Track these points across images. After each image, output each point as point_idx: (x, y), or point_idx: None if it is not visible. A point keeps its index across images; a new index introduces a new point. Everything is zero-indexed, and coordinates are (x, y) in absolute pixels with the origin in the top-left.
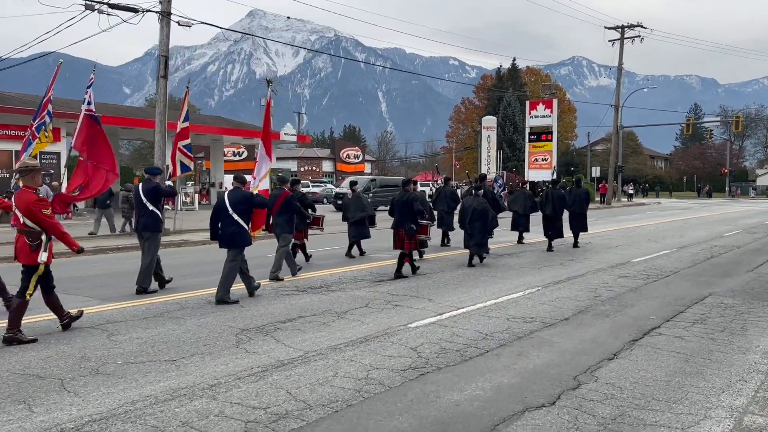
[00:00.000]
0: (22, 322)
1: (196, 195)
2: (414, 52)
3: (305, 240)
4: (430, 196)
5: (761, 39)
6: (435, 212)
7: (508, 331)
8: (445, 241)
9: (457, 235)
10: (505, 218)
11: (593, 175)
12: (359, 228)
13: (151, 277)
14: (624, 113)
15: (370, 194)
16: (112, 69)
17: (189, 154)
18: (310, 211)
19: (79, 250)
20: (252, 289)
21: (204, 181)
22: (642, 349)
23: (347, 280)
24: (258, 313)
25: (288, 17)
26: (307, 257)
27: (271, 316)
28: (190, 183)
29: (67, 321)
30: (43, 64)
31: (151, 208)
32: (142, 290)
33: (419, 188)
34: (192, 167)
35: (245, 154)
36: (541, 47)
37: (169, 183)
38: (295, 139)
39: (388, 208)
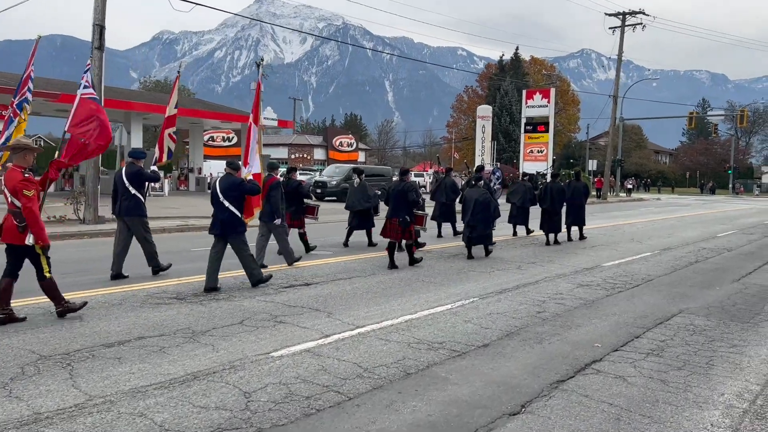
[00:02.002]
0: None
1: (166, 180)
2: (422, 42)
3: (295, 228)
4: (422, 186)
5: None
6: (434, 202)
7: (397, 365)
8: (441, 233)
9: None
10: (504, 210)
11: (590, 168)
12: (363, 218)
13: (157, 256)
14: (631, 107)
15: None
16: (120, 53)
17: (174, 137)
18: (307, 200)
19: (43, 248)
20: (256, 279)
21: (182, 167)
22: (564, 397)
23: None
24: (94, 329)
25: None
26: (308, 248)
27: (104, 335)
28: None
29: (6, 316)
30: (49, 45)
31: (133, 192)
32: (158, 270)
33: (412, 178)
34: (173, 148)
35: (235, 140)
36: (552, 39)
37: (153, 168)
38: (275, 123)
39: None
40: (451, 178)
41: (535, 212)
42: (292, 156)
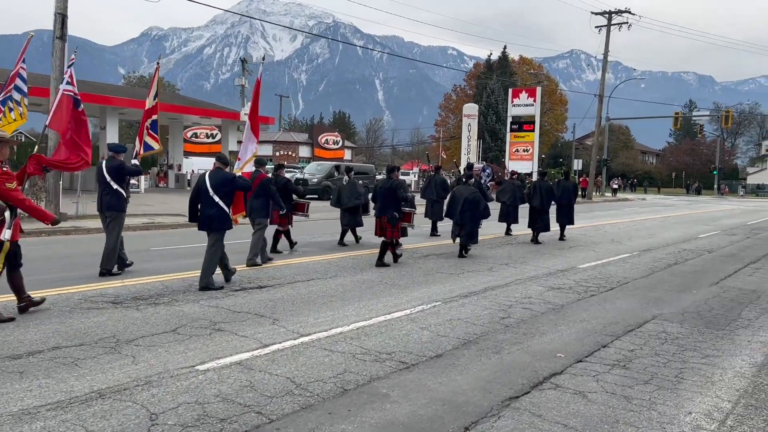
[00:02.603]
0: None
1: (143, 177)
2: (413, 41)
3: (290, 226)
4: (408, 184)
5: (760, 37)
6: (424, 200)
7: (336, 379)
8: (434, 232)
9: (446, 225)
10: (493, 209)
11: (575, 167)
12: (352, 215)
13: (116, 259)
14: (619, 107)
15: (346, 181)
16: (108, 49)
17: (154, 133)
18: (295, 197)
19: (54, 221)
20: (228, 275)
21: (162, 163)
22: (514, 418)
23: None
24: (6, 338)
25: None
26: (292, 245)
27: (15, 345)
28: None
29: (25, 304)
30: (36, 40)
31: (115, 186)
32: (106, 272)
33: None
34: (156, 147)
35: (218, 137)
36: (542, 39)
37: (135, 162)
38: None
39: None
40: (440, 175)
41: (525, 211)
42: (277, 153)
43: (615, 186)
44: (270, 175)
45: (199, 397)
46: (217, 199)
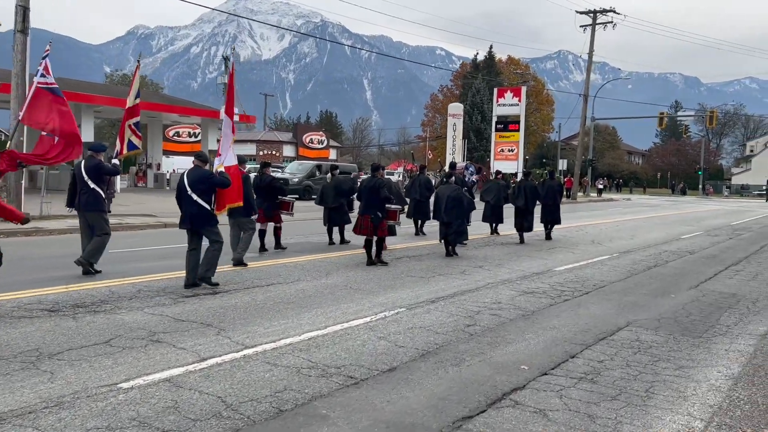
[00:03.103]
0: None
1: (118, 177)
2: (401, 41)
3: (271, 223)
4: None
5: (745, 38)
6: (408, 200)
7: (273, 398)
8: (419, 232)
9: (433, 224)
10: (477, 210)
11: (561, 168)
12: (339, 214)
13: (99, 257)
14: (606, 108)
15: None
16: (94, 47)
17: (138, 132)
18: (281, 196)
19: (24, 221)
20: (204, 276)
21: (140, 163)
22: None
23: (160, 290)
24: None
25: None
26: (278, 245)
27: None
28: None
29: None
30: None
31: (92, 186)
32: (88, 271)
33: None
34: (140, 145)
35: (201, 136)
36: (531, 40)
37: (115, 161)
38: (237, 118)
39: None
40: (425, 175)
41: (510, 211)
42: (260, 153)
43: (600, 186)
44: (255, 173)
45: (113, 421)
46: (195, 197)
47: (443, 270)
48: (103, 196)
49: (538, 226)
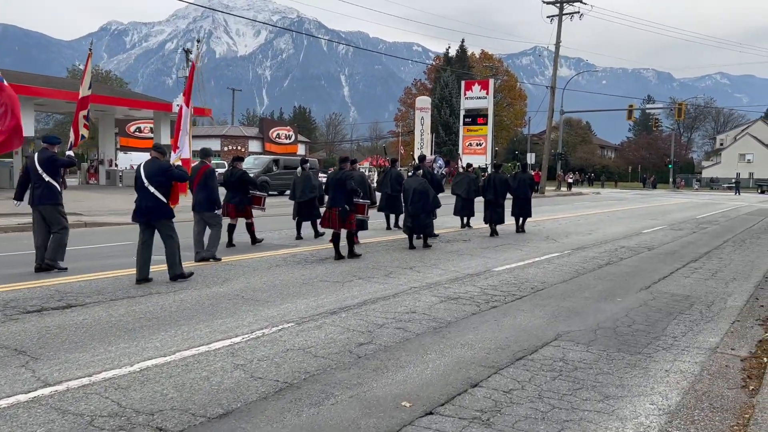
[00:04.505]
0: None
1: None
2: (378, 37)
3: (241, 218)
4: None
5: (716, 35)
6: (378, 194)
7: None
8: (390, 225)
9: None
10: (449, 203)
11: (529, 161)
12: (309, 209)
13: (65, 251)
14: (579, 103)
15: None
16: (66, 43)
17: (86, 123)
18: (253, 190)
19: None
20: (142, 275)
21: (92, 159)
22: None
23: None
24: None
25: None
26: (254, 240)
27: None
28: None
29: None
30: None
31: (47, 179)
32: (50, 267)
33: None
34: (86, 134)
35: (170, 131)
36: (505, 36)
37: (69, 153)
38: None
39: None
40: (396, 169)
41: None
42: (225, 148)
43: (570, 180)
44: (226, 168)
45: None
46: (152, 189)
47: (367, 272)
48: (59, 189)
49: (509, 219)
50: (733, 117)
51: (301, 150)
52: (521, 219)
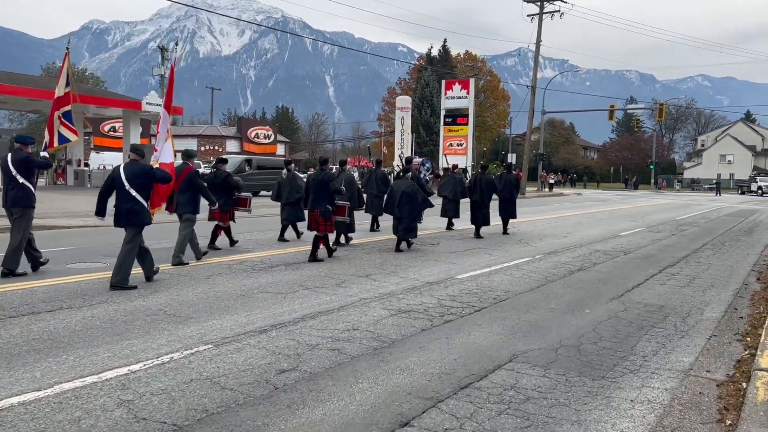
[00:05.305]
0: None
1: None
2: (363, 37)
3: (232, 222)
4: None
5: (698, 37)
6: (365, 195)
7: None
8: (374, 227)
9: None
10: (436, 204)
11: (511, 161)
12: (293, 210)
13: (20, 258)
14: (563, 104)
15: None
16: (47, 42)
17: (70, 124)
18: (237, 192)
19: None
20: (150, 273)
21: (60, 159)
22: None
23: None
24: None
25: None
26: (232, 242)
27: None
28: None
29: None
30: None
31: (21, 181)
32: (9, 272)
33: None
34: (74, 138)
35: (140, 131)
36: (491, 37)
37: (44, 154)
38: (160, 109)
39: (270, 193)
40: (381, 170)
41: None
42: (202, 148)
43: (551, 181)
44: (208, 169)
45: None
46: (133, 192)
47: (317, 281)
48: (33, 191)
49: (496, 220)
50: (714, 118)
51: (280, 150)
52: (507, 221)
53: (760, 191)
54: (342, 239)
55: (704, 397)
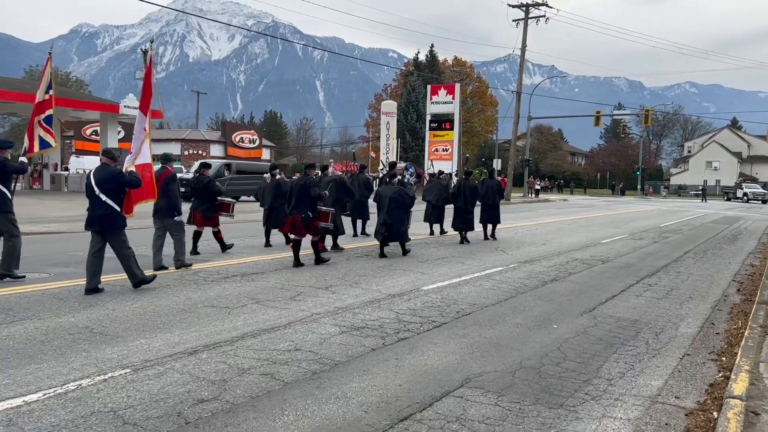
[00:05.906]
0: None
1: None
2: (353, 42)
3: (208, 227)
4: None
5: (686, 44)
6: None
7: None
8: (356, 232)
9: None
10: (419, 210)
11: (496, 167)
12: (279, 215)
13: (19, 259)
14: (552, 110)
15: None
16: (35, 46)
17: (50, 128)
18: (221, 197)
19: None
20: (91, 286)
21: (36, 162)
22: None
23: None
24: None
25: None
26: (224, 247)
27: None
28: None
29: None
30: None
31: None
32: (4, 275)
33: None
34: (54, 143)
35: (122, 134)
36: (481, 43)
37: (23, 159)
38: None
39: (252, 197)
40: (365, 175)
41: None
42: (186, 152)
43: (538, 186)
44: (192, 173)
45: None
46: (104, 197)
47: (271, 294)
48: (9, 196)
49: (478, 226)
50: (700, 125)
51: (266, 155)
52: (490, 226)
53: (745, 198)
54: (331, 243)
55: (670, 429)
